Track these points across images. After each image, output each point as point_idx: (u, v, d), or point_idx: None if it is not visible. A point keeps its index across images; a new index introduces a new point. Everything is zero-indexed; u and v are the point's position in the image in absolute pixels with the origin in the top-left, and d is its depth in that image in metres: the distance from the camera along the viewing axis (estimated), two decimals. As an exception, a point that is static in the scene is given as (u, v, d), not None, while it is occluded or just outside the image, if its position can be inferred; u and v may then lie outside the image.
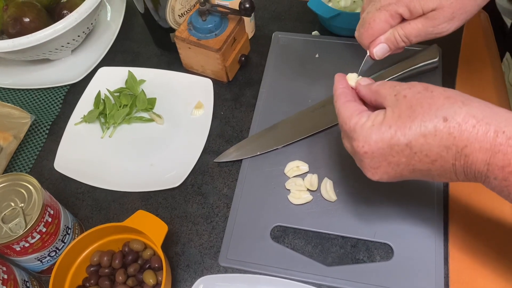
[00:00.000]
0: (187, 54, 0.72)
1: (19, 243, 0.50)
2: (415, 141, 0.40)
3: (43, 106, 0.74)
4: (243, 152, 0.64)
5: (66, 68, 0.78)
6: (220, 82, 0.73)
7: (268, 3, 0.82)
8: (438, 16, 0.43)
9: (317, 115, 0.66)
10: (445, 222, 0.56)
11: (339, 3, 0.74)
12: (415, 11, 0.44)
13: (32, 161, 0.69)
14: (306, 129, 0.65)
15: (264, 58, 0.75)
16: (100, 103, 0.71)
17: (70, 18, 0.69)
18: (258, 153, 0.64)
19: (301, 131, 0.65)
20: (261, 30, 0.79)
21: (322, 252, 0.56)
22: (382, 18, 0.45)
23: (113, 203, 0.63)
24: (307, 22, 0.79)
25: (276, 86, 0.71)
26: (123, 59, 0.79)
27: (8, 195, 0.52)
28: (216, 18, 0.67)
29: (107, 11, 0.85)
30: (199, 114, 0.69)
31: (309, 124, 0.65)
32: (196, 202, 0.62)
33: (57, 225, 0.54)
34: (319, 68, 0.72)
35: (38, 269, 0.56)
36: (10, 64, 0.79)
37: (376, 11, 0.46)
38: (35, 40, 0.68)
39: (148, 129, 0.69)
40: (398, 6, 0.44)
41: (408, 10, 0.44)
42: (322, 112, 0.66)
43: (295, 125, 0.66)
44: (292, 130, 0.65)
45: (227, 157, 0.65)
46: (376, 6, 0.46)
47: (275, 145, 0.64)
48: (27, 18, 0.72)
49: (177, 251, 0.59)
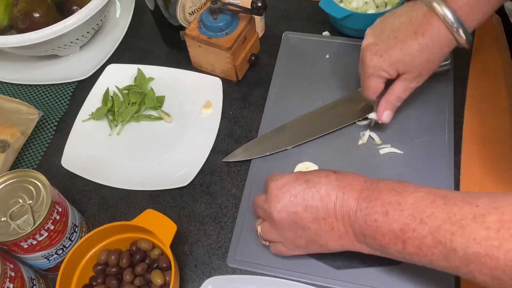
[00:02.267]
0: (196, 53, 0.71)
1: (27, 240, 0.50)
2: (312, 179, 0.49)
3: (51, 102, 0.74)
4: (252, 153, 0.64)
5: (74, 64, 0.78)
6: (229, 81, 0.72)
7: (278, 2, 0.82)
8: (408, 77, 0.57)
9: (327, 116, 0.66)
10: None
11: (350, 4, 0.73)
12: (393, 73, 0.57)
13: (39, 157, 0.68)
14: (315, 130, 0.64)
15: (274, 57, 0.74)
16: (109, 100, 0.70)
17: (80, 14, 0.69)
18: (268, 154, 0.63)
19: (310, 132, 0.64)
20: (271, 29, 0.78)
21: (331, 255, 0.55)
22: (374, 83, 0.58)
23: (121, 202, 0.63)
24: (317, 22, 0.78)
25: (286, 86, 0.70)
26: (132, 56, 0.79)
27: (17, 192, 0.52)
28: (227, 16, 0.67)
29: (117, 7, 0.85)
30: (208, 113, 0.69)
31: (319, 125, 0.65)
32: (205, 202, 0.62)
33: (65, 223, 0.54)
34: (330, 68, 0.71)
35: (44, 267, 0.56)
36: (18, 60, 0.79)
37: (367, 79, 0.58)
38: (44, 36, 0.67)
39: (156, 128, 0.69)
40: (381, 72, 0.57)
41: (388, 73, 0.57)
42: (333, 113, 0.66)
43: (305, 126, 0.65)
44: (302, 131, 0.65)
45: (236, 157, 0.64)
46: (366, 74, 0.58)
47: (284, 146, 0.64)
48: (37, 13, 0.71)
49: (185, 251, 0.58)
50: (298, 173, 0.51)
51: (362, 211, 0.45)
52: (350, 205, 0.46)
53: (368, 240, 0.46)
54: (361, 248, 0.48)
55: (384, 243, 0.44)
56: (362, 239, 0.47)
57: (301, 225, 0.48)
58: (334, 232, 0.48)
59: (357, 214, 0.46)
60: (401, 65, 0.55)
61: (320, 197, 0.47)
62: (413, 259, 0.44)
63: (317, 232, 0.48)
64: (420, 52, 0.54)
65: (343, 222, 0.47)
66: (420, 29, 0.53)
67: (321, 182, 0.48)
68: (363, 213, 0.45)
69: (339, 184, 0.47)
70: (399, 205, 0.43)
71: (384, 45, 0.55)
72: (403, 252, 0.44)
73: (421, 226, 0.41)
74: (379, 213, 0.44)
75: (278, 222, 0.49)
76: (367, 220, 0.45)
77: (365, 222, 0.45)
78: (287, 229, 0.50)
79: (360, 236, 0.46)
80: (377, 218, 0.44)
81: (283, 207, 0.48)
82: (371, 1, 0.73)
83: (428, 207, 0.42)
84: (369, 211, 0.45)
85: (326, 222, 0.47)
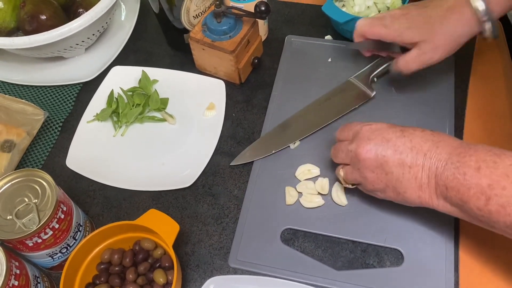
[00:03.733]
0: (200, 55, 0.72)
1: (32, 238, 0.50)
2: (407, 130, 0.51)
3: (56, 103, 0.75)
4: (259, 152, 0.65)
5: (80, 66, 0.79)
6: (232, 83, 0.73)
7: (281, 6, 0.83)
8: (424, 46, 0.57)
9: (324, 107, 0.67)
10: (455, 229, 0.56)
11: (353, 8, 0.74)
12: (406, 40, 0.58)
13: (44, 157, 0.69)
14: (316, 123, 0.66)
15: (277, 61, 0.75)
16: (113, 101, 0.71)
17: (86, 17, 0.70)
18: (273, 151, 0.64)
19: (312, 125, 0.66)
20: (274, 33, 0.79)
21: (332, 256, 0.56)
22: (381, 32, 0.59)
23: (124, 202, 0.64)
24: (320, 26, 0.79)
25: (288, 89, 0.71)
26: (136, 58, 0.80)
27: (22, 191, 0.53)
28: (231, 20, 0.68)
29: (122, 10, 0.86)
30: (211, 115, 0.69)
31: (318, 118, 0.66)
32: (207, 202, 0.62)
33: (69, 222, 0.54)
34: (332, 72, 0.72)
35: (48, 265, 0.56)
36: (24, 61, 0.80)
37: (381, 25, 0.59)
38: (50, 38, 0.68)
39: (160, 129, 0.70)
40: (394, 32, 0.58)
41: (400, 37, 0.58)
42: (329, 104, 0.67)
43: (305, 120, 0.67)
44: (304, 125, 0.66)
45: (244, 159, 0.65)
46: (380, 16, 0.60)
47: (289, 142, 0.65)
48: (44, 16, 0.72)
49: (187, 251, 0.59)
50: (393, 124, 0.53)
51: (454, 163, 0.46)
52: (441, 157, 0.47)
53: (450, 193, 0.46)
54: (437, 203, 0.48)
55: (466, 197, 0.44)
56: (443, 192, 0.47)
57: (386, 168, 0.50)
58: (416, 181, 0.48)
59: (447, 166, 0.46)
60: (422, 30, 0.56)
61: (412, 146, 0.49)
62: (491, 218, 0.43)
63: (399, 179, 0.49)
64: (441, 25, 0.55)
65: (429, 173, 0.47)
66: (449, 10, 0.55)
67: (415, 134, 0.50)
68: (453, 166, 0.45)
69: (433, 138, 0.49)
70: (495, 164, 0.43)
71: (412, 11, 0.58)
72: (483, 210, 0.43)
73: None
74: (471, 167, 0.44)
75: (364, 161, 0.51)
76: (455, 172, 0.45)
77: (452, 174, 0.45)
78: (370, 170, 0.51)
79: (443, 188, 0.46)
80: (467, 171, 0.44)
81: (373, 148, 0.50)
82: (373, 6, 0.73)
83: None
84: (460, 164, 0.45)
85: (411, 170, 0.48)
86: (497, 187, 0.42)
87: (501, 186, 0.42)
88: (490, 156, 0.44)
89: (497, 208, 0.42)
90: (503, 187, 0.42)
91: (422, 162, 0.48)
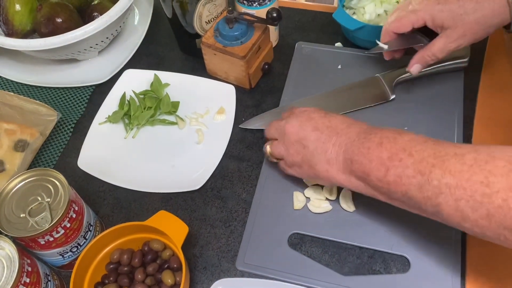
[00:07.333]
0: (212, 60, 0.73)
1: (44, 237, 0.51)
2: None
3: (69, 104, 0.76)
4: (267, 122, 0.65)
5: (93, 68, 0.80)
6: (242, 88, 0.74)
7: (292, 13, 0.84)
8: (452, 33, 0.57)
9: (342, 96, 0.70)
10: (462, 238, 0.56)
11: (363, 16, 0.75)
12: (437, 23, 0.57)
13: (56, 157, 0.70)
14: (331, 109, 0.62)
15: (287, 67, 0.76)
16: (125, 104, 0.72)
17: (100, 20, 0.71)
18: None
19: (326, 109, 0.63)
20: (284, 39, 0.80)
21: (338, 261, 0.57)
22: (411, 19, 0.59)
23: (134, 203, 0.65)
24: (330, 33, 0.80)
25: (298, 95, 0.72)
26: (148, 62, 0.81)
27: (36, 190, 0.54)
28: (243, 26, 0.69)
29: (135, 15, 0.87)
30: (221, 119, 0.70)
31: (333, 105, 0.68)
32: (215, 205, 0.63)
33: (81, 221, 0.55)
34: (341, 79, 0.72)
35: (59, 263, 0.57)
36: (39, 63, 0.81)
37: (409, 12, 0.59)
38: (65, 40, 0.70)
39: (170, 132, 0.71)
40: (425, 14, 0.58)
41: (432, 19, 0.57)
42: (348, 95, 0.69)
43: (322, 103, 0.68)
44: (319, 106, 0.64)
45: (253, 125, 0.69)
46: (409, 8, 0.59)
47: None
48: (60, 19, 0.74)
49: (195, 253, 0.59)
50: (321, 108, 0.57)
51: (360, 140, 0.50)
52: (351, 135, 0.52)
53: (354, 166, 0.50)
54: (343, 178, 0.52)
55: (367, 169, 0.49)
56: (349, 166, 0.51)
57: (304, 142, 0.54)
58: (325, 155, 0.53)
59: (354, 143, 0.51)
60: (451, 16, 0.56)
61: (329, 125, 0.54)
62: (390, 188, 0.47)
63: (313, 153, 0.54)
64: (473, 10, 0.55)
65: (338, 149, 0.52)
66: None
67: (336, 117, 0.55)
68: (360, 141, 0.50)
69: (350, 121, 0.54)
70: (395, 139, 0.48)
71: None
72: (383, 180, 0.48)
73: (407, 157, 0.46)
74: (375, 142, 0.49)
75: (288, 134, 0.56)
76: (360, 147, 0.50)
77: (358, 148, 0.50)
78: (291, 143, 0.56)
79: (348, 162, 0.51)
80: (371, 146, 0.49)
81: (298, 123, 0.55)
82: (383, 14, 0.74)
83: (420, 144, 0.47)
84: (366, 140, 0.50)
85: (324, 145, 0.53)
86: (395, 159, 0.47)
87: (399, 158, 0.46)
88: (392, 134, 0.49)
89: (395, 179, 0.46)
90: (400, 159, 0.46)
91: (334, 139, 0.53)
